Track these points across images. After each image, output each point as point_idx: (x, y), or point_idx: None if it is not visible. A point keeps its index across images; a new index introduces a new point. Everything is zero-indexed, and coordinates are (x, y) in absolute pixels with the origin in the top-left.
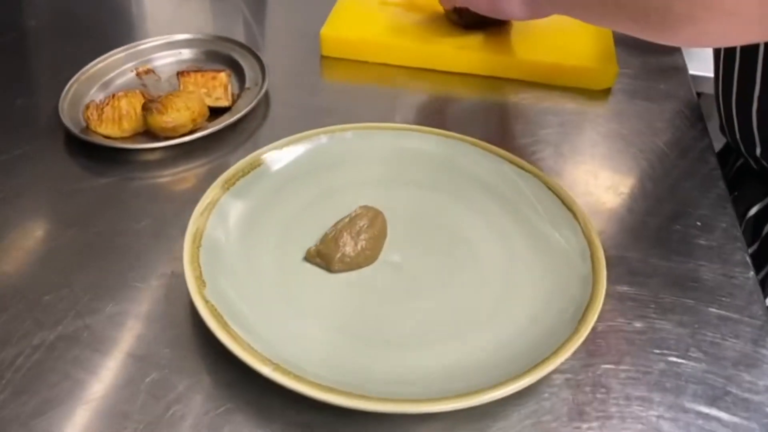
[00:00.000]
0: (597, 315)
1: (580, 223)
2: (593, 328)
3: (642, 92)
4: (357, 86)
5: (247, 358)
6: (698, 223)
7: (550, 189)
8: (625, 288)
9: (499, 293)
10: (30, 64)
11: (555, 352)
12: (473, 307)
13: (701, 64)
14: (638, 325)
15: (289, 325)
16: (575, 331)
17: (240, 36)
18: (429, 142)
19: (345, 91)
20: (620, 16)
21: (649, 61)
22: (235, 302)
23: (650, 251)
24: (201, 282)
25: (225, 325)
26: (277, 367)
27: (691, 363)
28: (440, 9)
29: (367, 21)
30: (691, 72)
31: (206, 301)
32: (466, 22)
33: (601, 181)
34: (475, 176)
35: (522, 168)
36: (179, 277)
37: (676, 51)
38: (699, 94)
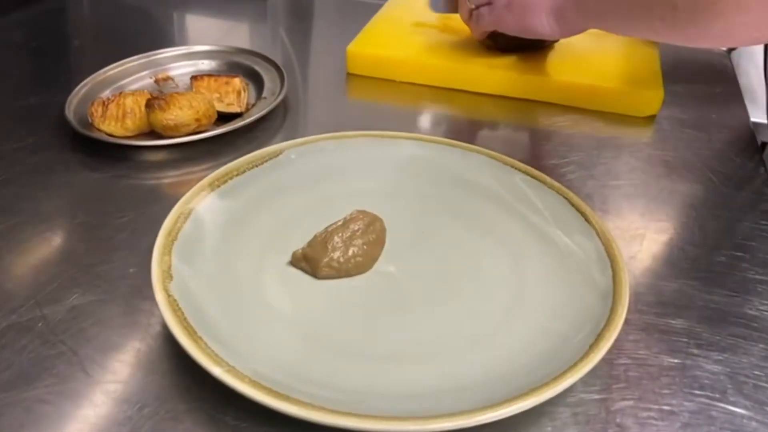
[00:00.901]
0: (613, 340)
1: (597, 231)
2: (612, 360)
3: (690, 121)
4: (381, 105)
5: (200, 357)
6: (747, 255)
7: (572, 204)
8: (654, 318)
9: (502, 312)
10: (55, 68)
11: (556, 378)
12: (471, 324)
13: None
14: (668, 359)
15: (258, 330)
16: (585, 356)
17: (276, 54)
18: (437, 151)
19: (368, 109)
20: (649, 15)
21: (699, 89)
22: (202, 300)
23: (687, 282)
24: (167, 275)
25: (183, 321)
26: (231, 369)
27: (729, 407)
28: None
29: (397, 40)
30: (754, 119)
31: (168, 295)
32: (500, 46)
33: (635, 205)
34: (486, 188)
35: (543, 182)
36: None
37: (730, 80)
38: (764, 144)
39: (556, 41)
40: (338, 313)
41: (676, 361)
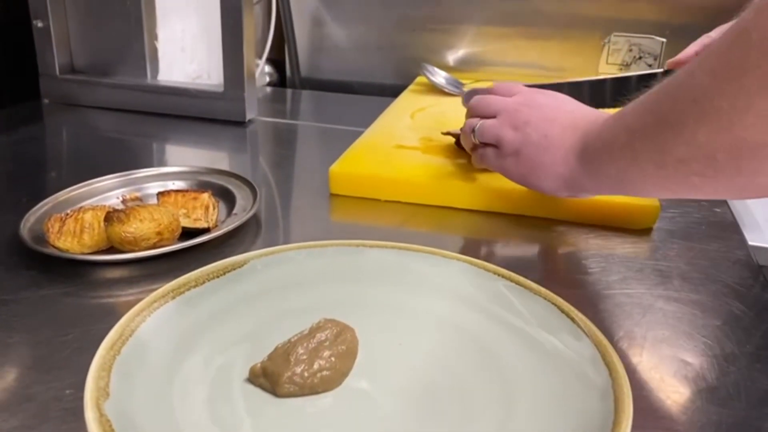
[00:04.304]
0: None
1: (588, 335)
2: None
3: (680, 232)
4: (365, 225)
5: None
6: (759, 365)
7: (559, 308)
8: None
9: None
10: (19, 190)
11: None
12: None
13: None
14: None
15: None
16: None
17: (254, 176)
18: (413, 259)
19: (351, 229)
20: (683, 173)
21: (683, 201)
22: (143, 423)
23: (698, 394)
24: (104, 393)
25: None
26: None
27: None
28: (461, 152)
29: (380, 160)
30: (752, 243)
31: (101, 414)
32: None
33: (630, 314)
34: (466, 295)
35: (527, 288)
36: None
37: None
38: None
39: None
40: None
41: None
